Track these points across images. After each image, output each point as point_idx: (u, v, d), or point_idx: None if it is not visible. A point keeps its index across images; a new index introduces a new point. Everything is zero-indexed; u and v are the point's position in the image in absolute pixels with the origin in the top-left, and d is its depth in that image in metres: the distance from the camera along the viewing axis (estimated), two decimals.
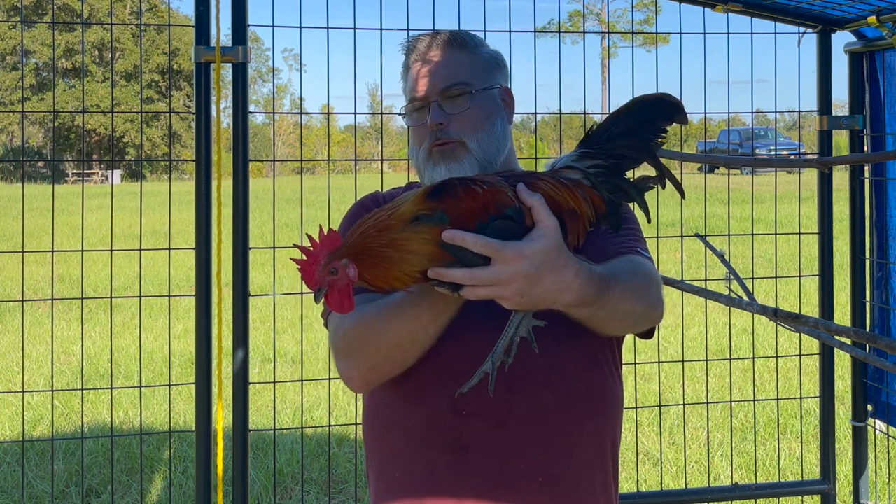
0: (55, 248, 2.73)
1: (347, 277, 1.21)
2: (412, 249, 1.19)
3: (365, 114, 33.21)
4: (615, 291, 1.33)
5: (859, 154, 2.98)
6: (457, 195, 1.22)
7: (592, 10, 44.81)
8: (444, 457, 1.46)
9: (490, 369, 1.30)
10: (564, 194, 1.27)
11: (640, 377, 5.24)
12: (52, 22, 25.44)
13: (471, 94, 1.57)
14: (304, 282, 1.22)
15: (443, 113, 1.56)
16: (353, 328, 1.42)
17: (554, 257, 1.20)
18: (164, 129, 41.62)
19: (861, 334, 1.67)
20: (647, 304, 1.43)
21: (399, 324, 1.36)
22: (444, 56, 1.59)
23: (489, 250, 1.17)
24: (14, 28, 33.57)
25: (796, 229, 3.21)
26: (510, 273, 1.18)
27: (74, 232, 12.72)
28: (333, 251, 1.21)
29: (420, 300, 1.33)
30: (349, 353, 1.44)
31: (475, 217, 1.21)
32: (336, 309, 1.23)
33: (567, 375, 1.47)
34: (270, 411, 4.86)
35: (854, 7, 2.67)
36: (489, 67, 1.62)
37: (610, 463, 1.56)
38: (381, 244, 1.20)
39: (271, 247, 2.82)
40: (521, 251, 1.18)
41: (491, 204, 1.22)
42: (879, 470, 3.29)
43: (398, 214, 1.22)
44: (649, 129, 1.32)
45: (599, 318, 1.36)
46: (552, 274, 1.20)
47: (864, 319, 2.98)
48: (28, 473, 4.17)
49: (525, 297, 1.21)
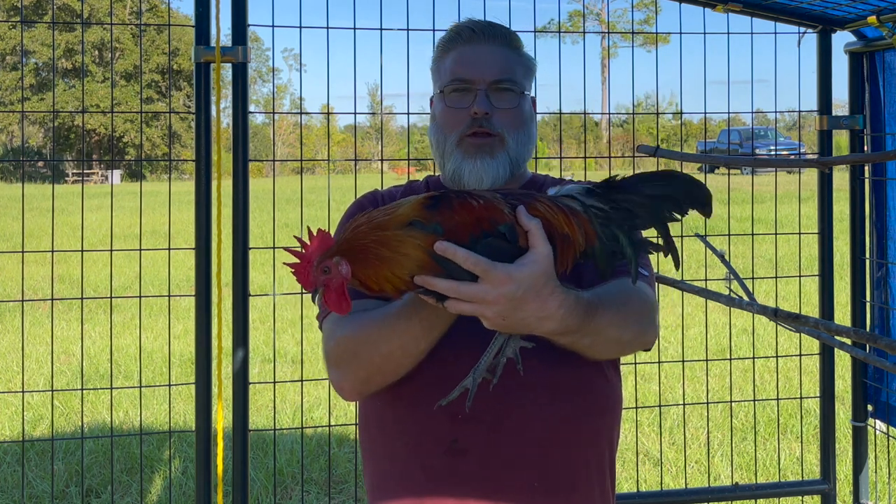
0: (55, 248, 2.73)
1: (341, 275, 1.21)
2: (404, 252, 1.19)
3: (365, 114, 33.17)
4: (601, 319, 1.32)
5: (859, 154, 2.98)
6: (452, 207, 1.22)
7: (592, 10, 44.84)
8: (441, 460, 1.45)
9: (471, 385, 1.29)
10: (560, 219, 1.26)
11: (640, 377, 5.24)
12: (52, 22, 25.46)
13: (520, 94, 1.56)
14: (300, 283, 1.22)
15: (489, 103, 1.53)
16: (345, 339, 1.41)
17: (541, 284, 1.21)
18: (164, 129, 41.61)
19: (861, 334, 1.66)
20: (637, 330, 1.42)
21: (391, 336, 1.35)
22: (497, 48, 1.57)
23: (478, 269, 1.18)
24: (14, 28, 33.58)
25: (796, 229, 3.21)
26: (495, 294, 1.18)
27: (74, 232, 12.70)
28: (325, 251, 1.21)
29: (412, 314, 1.32)
30: (341, 363, 1.43)
31: (468, 230, 1.20)
32: (335, 309, 1.23)
33: (564, 376, 1.47)
34: (270, 411, 4.85)
35: (854, 7, 2.66)
36: (528, 73, 1.62)
37: (607, 463, 1.55)
38: (373, 241, 1.20)
39: (271, 247, 2.82)
40: (509, 274, 1.18)
41: (485, 220, 1.22)
42: (879, 470, 3.29)
43: (395, 216, 1.22)
44: (670, 203, 1.30)
45: (584, 345, 1.36)
46: (536, 301, 1.21)
47: (864, 319, 2.98)
48: (28, 473, 4.17)
49: (507, 320, 1.21)
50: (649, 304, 1.46)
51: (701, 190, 1.31)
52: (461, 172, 1.54)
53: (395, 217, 1.21)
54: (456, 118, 1.55)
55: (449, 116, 1.57)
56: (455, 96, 1.56)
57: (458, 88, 1.56)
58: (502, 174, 1.54)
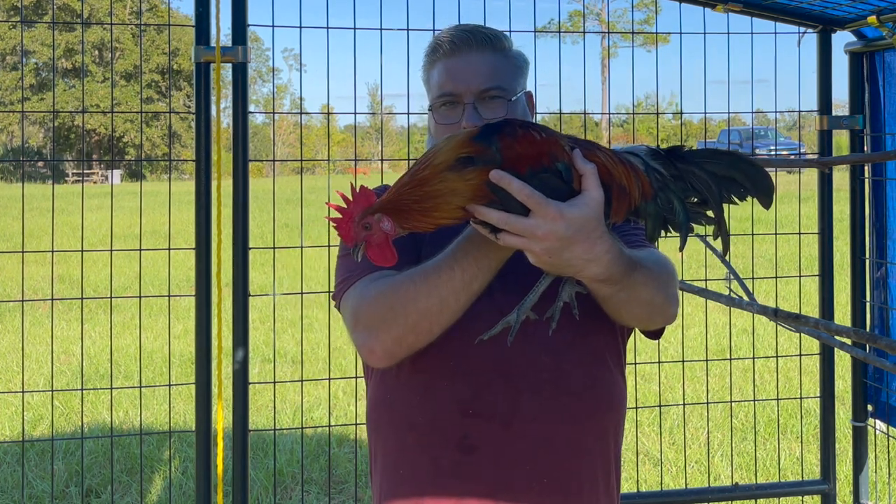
0: (55, 248, 2.73)
1: (382, 231, 1.21)
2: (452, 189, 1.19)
3: (365, 114, 33.19)
4: (639, 276, 1.33)
5: (859, 154, 2.98)
6: (515, 136, 1.21)
7: (592, 10, 44.81)
8: (450, 455, 1.45)
9: (514, 321, 1.30)
10: (620, 170, 1.26)
11: (640, 377, 5.24)
12: (52, 22, 25.46)
13: (509, 101, 1.54)
14: (341, 239, 1.22)
15: (478, 115, 1.52)
16: (380, 296, 1.38)
17: (590, 228, 1.20)
18: (164, 129, 41.60)
19: (861, 334, 1.67)
20: (666, 296, 1.43)
21: (430, 289, 1.33)
22: (480, 56, 1.55)
23: (532, 202, 1.18)
24: (14, 28, 33.56)
25: (796, 229, 3.21)
26: (545, 230, 1.18)
27: (74, 232, 12.70)
28: (367, 207, 1.21)
29: (453, 263, 1.31)
30: (373, 323, 1.39)
31: (528, 163, 1.20)
32: (379, 262, 1.23)
33: (572, 374, 1.47)
34: (270, 411, 4.85)
35: (854, 7, 2.66)
36: (519, 71, 1.60)
37: (613, 462, 1.55)
38: (417, 198, 1.20)
39: (271, 247, 2.82)
40: (561, 212, 1.18)
41: (545, 154, 1.22)
42: (879, 470, 3.29)
43: (434, 164, 1.21)
44: (732, 185, 1.29)
45: (620, 299, 1.36)
46: (585, 242, 1.21)
47: (864, 319, 2.98)
48: (28, 473, 4.17)
49: (553, 258, 1.21)
50: (675, 276, 1.48)
51: (766, 179, 1.29)
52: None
53: (434, 167, 1.21)
54: (448, 133, 1.53)
55: (441, 132, 1.56)
56: (444, 111, 1.56)
57: (447, 102, 1.55)
58: None
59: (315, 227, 12.11)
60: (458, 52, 1.56)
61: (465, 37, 1.57)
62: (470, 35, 1.57)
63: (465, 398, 1.43)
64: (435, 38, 1.61)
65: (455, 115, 1.54)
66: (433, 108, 1.59)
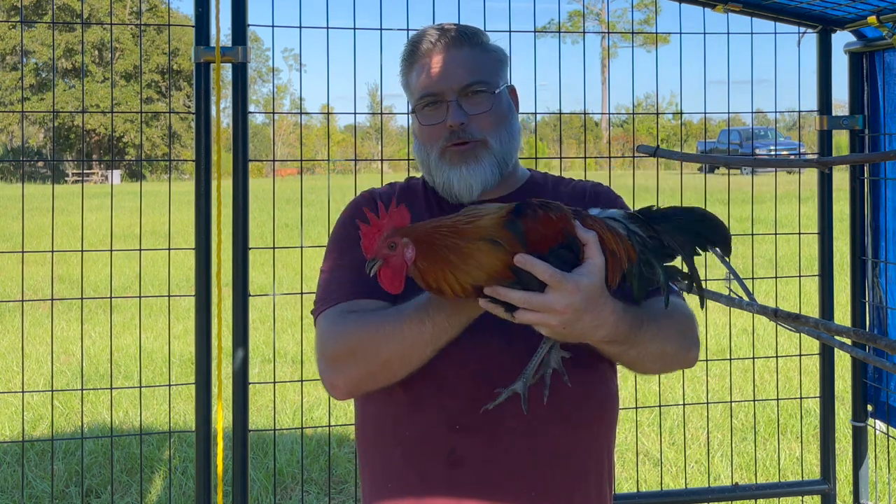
0: (55, 248, 2.73)
1: (403, 258, 1.22)
2: (477, 262, 1.21)
3: (365, 114, 33.22)
4: (646, 332, 1.37)
5: (859, 154, 2.98)
6: (537, 218, 1.25)
7: (592, 10, 44.83)
8: (438, 470, 1.44)
9: (521, 389, 1.32)
10: (608, 236, 1.30)
11: (640, 377, 5.23)
12: (52, 22, 25.45)
13: (492, 94, 1.54)
14: (363, 248, 1.23)
15: (463, 112, 1.51)
16: (348, 335, 1.39)
17: (598, 294, 1.24)
18: (164, 129, 41.59)
19: (861, 334, 1.67)
20: (680, 345, 1.46)
21: (397, 340, 1.33)
22: (458, 52, 1.54)
23: (553, 280, 1.21)
24: (14, 28, 33.57)
25: (796, 229, 3.20)
26: (563, 304, 1.21)
27: (74, 232, 12.70)
28: (399, 227, 1.22)
29: (425, 319, 1.32)
30: (338, 360, 1.40)
31: (548, 243, 1.24)
32: (386, 286, 1.23)
33: (562, 387, 1.43)
34: (270, 411, 4.85)
35: (854, 7, 2.66)
36: (500, 65, 1.59)
37: (605, 466, 1.54)
38: (448, 245, 1.21)
39: (271, 247, 2.82)
40: (577, 284, 1.22)
41: (561, 232, 1.25)
42: (879, 470, 3.28)
43: (477, 226, 1.23)
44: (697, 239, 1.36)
45: (631, 357, 1.39)
46: (595, 310, 1.24)
47: (864, 319, 2.98)
48: (28, 473, 4.17)
49: (567, 329, 1.24)
50: (691, 320, 1.51)
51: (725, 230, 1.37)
52: (450, 182, 1.53)
53: (476, 228, 1.23)
54: (434, 133, 1.54)
55: (427, 132, 1.56)
56: (428, 111, 1.55)
57: (430, 103, 1.54)
58: (491, 176, 1.53)
59: (315, 227, 12.10)
60: (435, 50, 1.55)
61: (440, 35, 1.55)
62: (445, 33, 1.56)
63: (452, 412, 1.42)
64: (409, 40, 1.60)
65: (439, 115, 1.53)
66: (416, 110, 1.57)
